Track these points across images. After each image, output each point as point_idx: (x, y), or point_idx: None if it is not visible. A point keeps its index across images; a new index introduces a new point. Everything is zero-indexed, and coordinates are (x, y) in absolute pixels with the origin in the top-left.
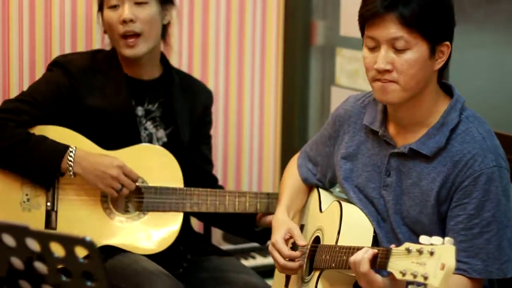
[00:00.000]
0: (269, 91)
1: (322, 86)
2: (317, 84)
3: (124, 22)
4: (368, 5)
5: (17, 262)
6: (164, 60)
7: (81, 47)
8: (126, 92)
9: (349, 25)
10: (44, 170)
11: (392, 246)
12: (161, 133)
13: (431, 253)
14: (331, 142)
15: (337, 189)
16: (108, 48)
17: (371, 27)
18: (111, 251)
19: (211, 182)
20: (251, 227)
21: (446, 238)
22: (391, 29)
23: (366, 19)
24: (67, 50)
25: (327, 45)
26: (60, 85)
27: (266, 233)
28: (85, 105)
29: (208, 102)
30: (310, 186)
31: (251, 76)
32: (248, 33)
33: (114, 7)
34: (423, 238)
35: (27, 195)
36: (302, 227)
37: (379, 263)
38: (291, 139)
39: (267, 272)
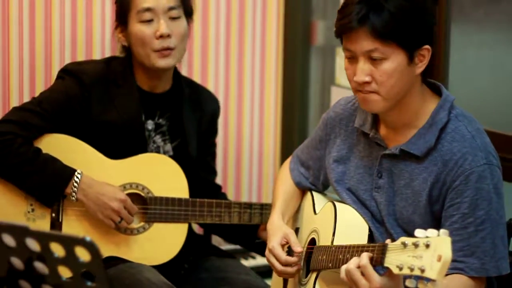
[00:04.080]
0: (269, 91)
1: (322, 86)
2: (317, 84)
3: (161, 37)
4: (342, 19)
5: (17, 262)
6: (175, 71)
7: (81, 47)
8: (138, 105)
9: None
10: (48, 193)
11: (388, 241)
12: (168, 146)
13: (427, 246)
14: (321, 145)
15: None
16: (120, 54)
17: (347, 40)
18: (114, 260)
19: (214, 191)
20: (251, 239)
21: (441, 230)
22: (366, 42)
23: (341, 32)
24: (67, 51)
25: (327, 45)
26: (71, 96)
27: (265, 245)
28: (96, 118)
29: (215, 111)
30: (303, 190)
31: (251, 76)
32: (248, 33)
33: (148, 21)
34: (418, 232)
35: (31, 205)
36: (297, 230)
37: (375, 259)
38: (291, 139)
39: (267, 272)
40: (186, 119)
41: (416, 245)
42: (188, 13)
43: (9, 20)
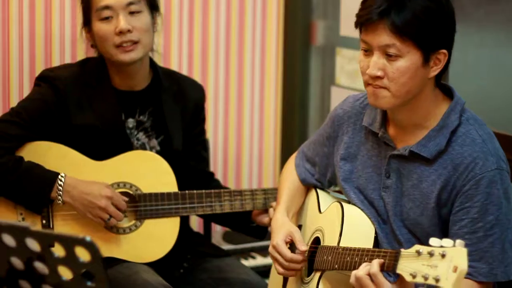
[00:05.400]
0: (269, 91)
1: (322, 86)
2: (317, 84)
3: (121, 32)
4: (364, 10)
5: (17, 262)
6: (153, 65)
7: (81, 47)
8: (115, 106)
9: (349, 25)
10: (34, 199)
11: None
12: (153, 142)
13: (443, 256)
14: (329, 142)
15: (333, 189)
16: (95, 55)
17: (365, 32)
18: (110, 261)
19: (207, 180)
20: (247, 223)
21: (457, 241)
22: (383, 37)
23: (361, 24)
24: (67, 50)
25: (327, 45)
26: (48, 103)
27: (262, 228)
28: (75, 122)
29: (199, 98)
30: (308, 186)
31: (251, 76)
32: (248, 33)
33: (107, 19)
34: (433, 240)
35: (21, 214)
36: (299, 228)
37: (387, 265)
38: (291, 139)
39: (267, 272)
40: (168, 113)
41: (431, 254)
42: (152, 6)
43: (9, 20)
